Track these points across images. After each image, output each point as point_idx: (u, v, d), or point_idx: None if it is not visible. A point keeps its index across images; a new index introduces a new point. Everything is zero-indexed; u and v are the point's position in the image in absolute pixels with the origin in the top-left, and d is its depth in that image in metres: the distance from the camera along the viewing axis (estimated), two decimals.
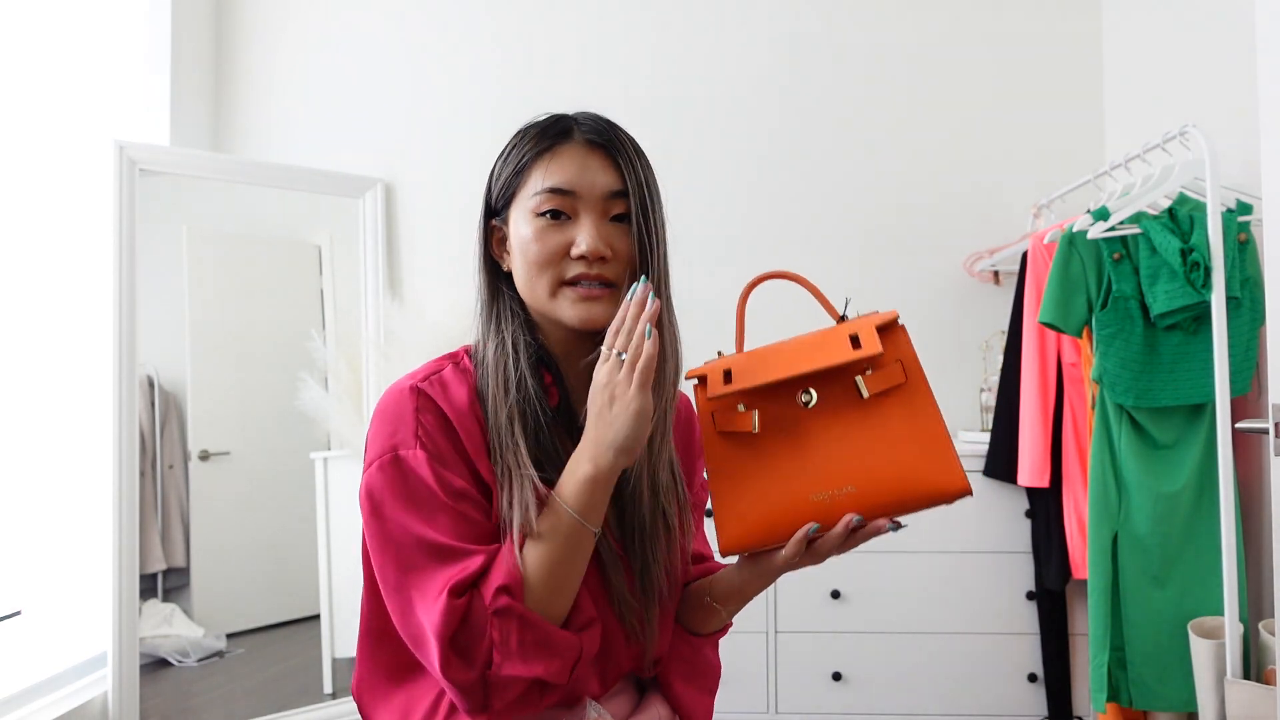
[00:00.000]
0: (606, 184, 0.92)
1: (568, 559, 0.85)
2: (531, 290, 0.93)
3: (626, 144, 0.95)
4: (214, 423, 2.51)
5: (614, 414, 0.82)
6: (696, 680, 1.02)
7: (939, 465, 0.80)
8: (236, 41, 2.84)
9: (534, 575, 0.84)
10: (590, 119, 0.95)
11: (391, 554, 0.85)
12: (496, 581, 0.82)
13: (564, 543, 0.84)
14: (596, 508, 0.84)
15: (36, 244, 2.26)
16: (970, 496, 0.78)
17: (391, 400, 0.91)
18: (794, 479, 0.81)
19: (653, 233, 0.93)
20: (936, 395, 0.87)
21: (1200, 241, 1.83)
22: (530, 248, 0.91)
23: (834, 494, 0.80)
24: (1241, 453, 1.98)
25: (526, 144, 0.94)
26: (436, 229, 2.78)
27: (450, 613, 0.81)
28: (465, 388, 0.93)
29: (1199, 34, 2.21)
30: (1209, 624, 1.86)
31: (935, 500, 0.80)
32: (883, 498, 0.80)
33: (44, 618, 2.18)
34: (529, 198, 0.92)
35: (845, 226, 2.75)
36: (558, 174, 0.91)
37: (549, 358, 0.96)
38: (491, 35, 2.83)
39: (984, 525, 2.28)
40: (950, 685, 2.27)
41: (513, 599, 0.82)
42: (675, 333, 0.96)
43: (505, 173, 0.96)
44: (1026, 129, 2.73)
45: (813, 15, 2.79)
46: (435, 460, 0.87)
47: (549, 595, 0.84)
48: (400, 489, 0.86)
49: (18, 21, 2.26)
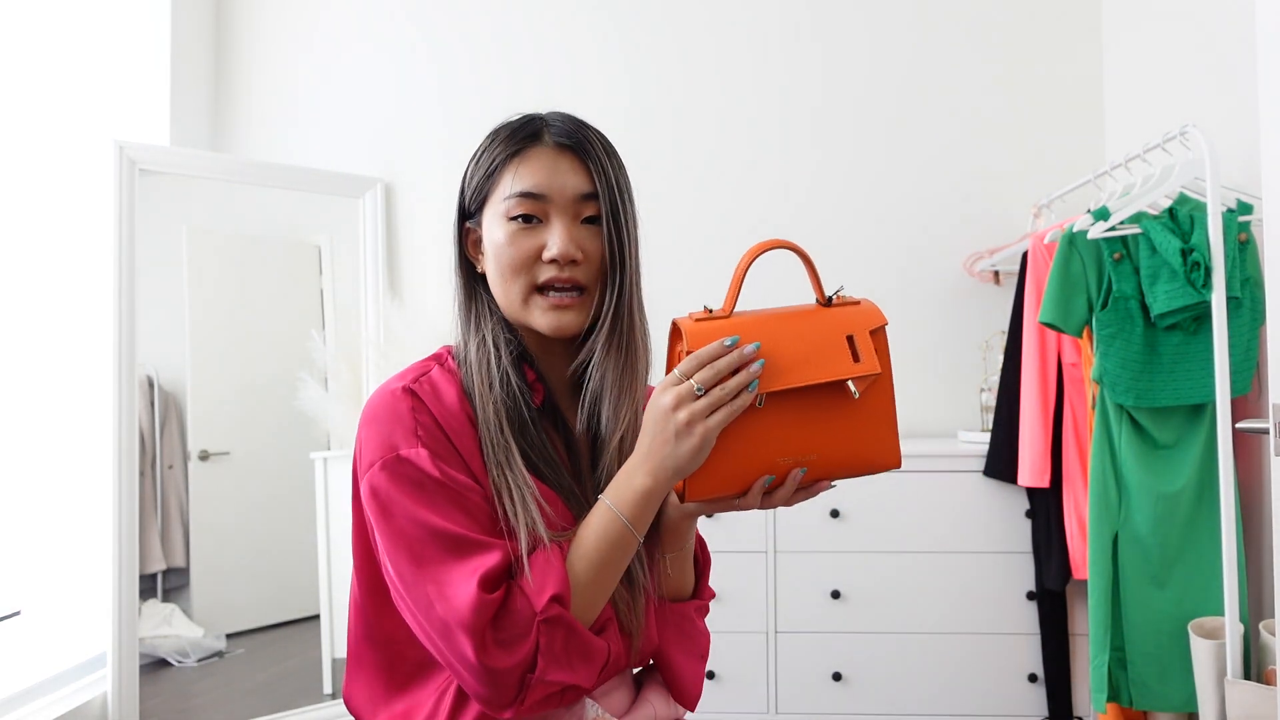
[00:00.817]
0: (576, 186, 0.93)
1: (615, 565, 0.87)
2: (505, 295, 0.94)
3: (596, 144, 0.95)
4: (214, 423, 2.50)
5: (688, 441, 0.82)
6: (688, 646, 1.02)
7: (887, 443, 0.90)
8: (236, 41, 2.84)
9: (583, 581, 0.86)
10: (560, 119, 0.96)
11: (404, 549, 0.84)
12: (551, 590, 0.83)
13: (615, 550, 0.86)
14: (647, 519, 0.87)
15: (37, 244, 2.26)
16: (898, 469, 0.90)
17: (384, 402, 0.90)
18: (767, 444, 0.87)
19: (624, 233, 0.94)
20: (936, 395, 0.92)
21: (1200, 241, 1.83)
22: (503, 252, 0.92)
23: (798, 459, 0.87)
24: (1242, 453, 1.98)
25: (497, 146, 0.95)
26: (436, 229, 2.78)
27: (484, 606, 0.81)
28: (454, 387, 0.93)
29: (1199, 34, 2.21)
30: (1209, 624, 1.86)
31: (874, 470, 0.91)
32: (836, 466, 0.89)
33: (44, 618, 2.18)
34: (500, 201, 0.93)
35: (845, 226, 2.75)
36: (528, 178, 0.92)
37: (529, 355, 0.97)
38: (491, 35, 2.83)
39: (984, 525, 2.28)
40: (950, 685, 2.27)
41: (564, 608, 0.84)
42: (645, 330, 0.99)
43: (477, 176, 0.96)
44: (1026, 129, 2.73)
45: (812, 16, 2.79)
46: (436, 455, 0.87)
47: (593, 601, 0.87)
48: (407, 485, 0.86)
49: (18, 21, 2.26)
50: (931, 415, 2.68)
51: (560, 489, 0.93)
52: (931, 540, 2.27)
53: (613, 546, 0.86)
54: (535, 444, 0.92)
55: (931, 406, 2.68)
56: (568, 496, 0.93)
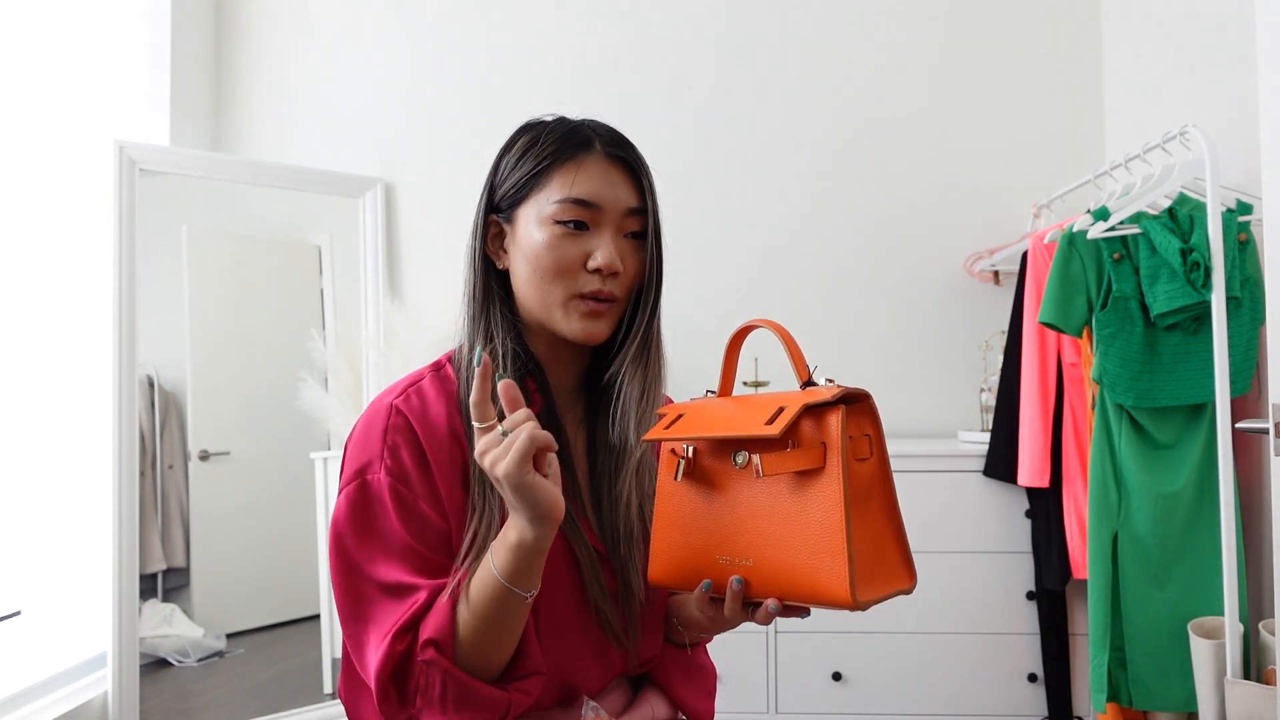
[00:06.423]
0: (627, 200, 0.93)
1: (497, 621, 0.82)
2: (540, 296, 0.92)
3: (644, 162, 0.96)
4: (214, 423, 2.50)
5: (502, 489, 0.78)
6: (695, 682, 1.02)
7: (825, 568, 0.72)
8: (236, 41, 2.84)
9: (464, 634, 0.83)
10: (606, 131, 0.96)
11: (349, 589, 0.86)
12: (426, 634, 0.82)
13: (494, 606, 0.81)
14: (526, 573, 0.81)
15: (37, 244, 2.26)
16: (860, 611, 0.72)
17: (369, 417, 0.91)
18: (708, 535, 0.80)
19: (661, 253, 0.96)
20: (936, 395, 0.87)
21: (1200, 241, 1.83)
22: (544, 255, 0.90)
23: (735, 561, 0.78)
24: (1241, 453, 1.98)
25: (547, 146, 0.93)
26: (436, 229, 2.78)
27: (389, 658, 0.82)
28: (444, 398, 0.92)
29: (1199, 34, 2.21)
30: (1209, 624, 1.86)
31: (817, 602, 0.74)
32: (774, 580, 0.76)
33: (44, 618, 2.18)
34: (548, 203, 0.91)
35: (845, 227, 2.75)
36: (584, 185, 0.91)
37: (536, 366, 0.95)
38: (492, 34, 2.83)
39: (984, 525, 2.28)
40: (950, 685, 2.27)
41: (439, 653, 0.82)
42: (662, 356, 0.98)
43: (519, 172, 0.94)
44: (1026, 129, 2.73)
45: (811, 16, 2.79)
46: (399, 483, 0.87)
47: (479, 654, 0.83)
48: (362, 523, 0.87)
49: (18, 21, 2.26)
50: (931, 415, 2.68)
51: None
52: (931, 540, 2.27)
53: (494, 603, 0.81)
54: None
55: (931, 406, 2.68)
56: None
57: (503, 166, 0.96)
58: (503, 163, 0.97)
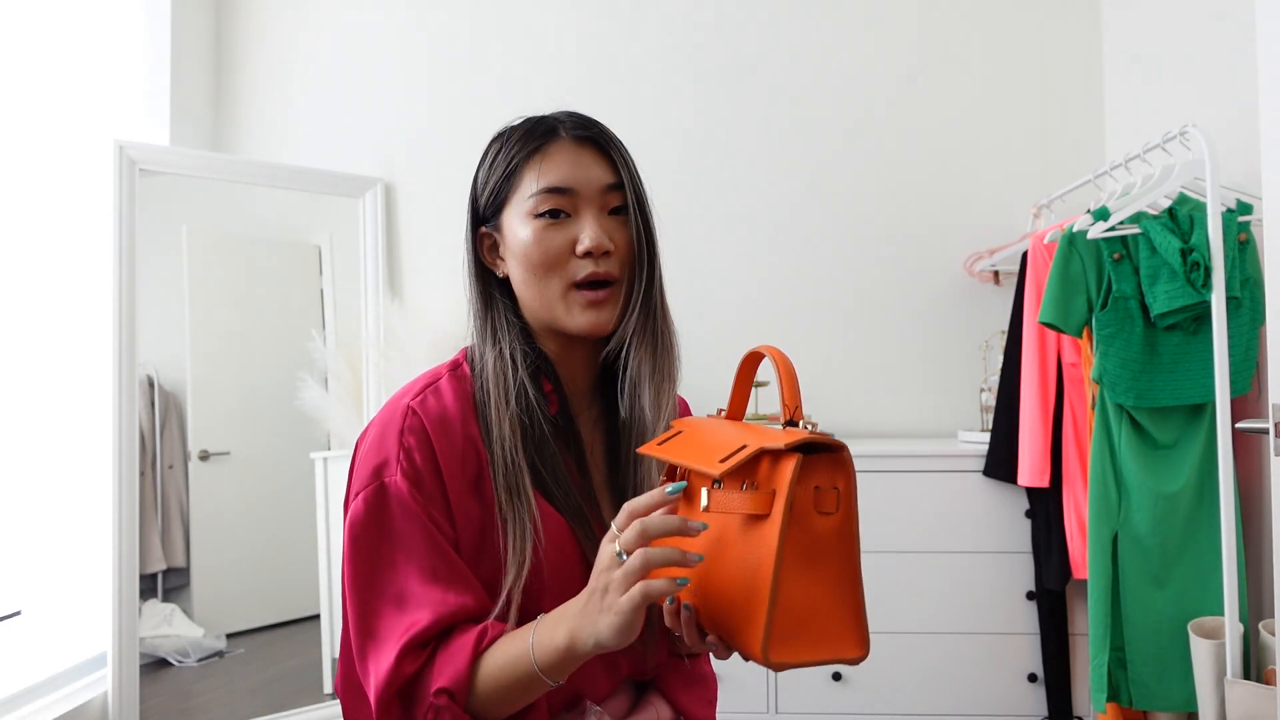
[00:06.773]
0: (601, 177, 0.92)
1: (518, 694, 0.82)
2: (539, 295, 0.92)
3: (613, 137, 0.95)
4: (214, 423, 2.50)
5: (607, 617, 0.73)
6: (696, 691, 1.02)
7: (746, 617, 0.69)
8: (236, 41, 2.84)
9: (480, 690, 0.82)
10: (571, 116, 0.95)
11: (359, 595, 0.86)
12: (441, 681, 0.81)
13: (519, 685, 0.81)
14: (564, 670, 0.80)
15: (36, 244, 2.26)
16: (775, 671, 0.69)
17: (386, 416, 0.91)
18: None
19: (649, 220, 0.94)
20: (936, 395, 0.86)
21: (1200, 241, 1.83)
22: (532, 250, 0.90)
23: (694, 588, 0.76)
24: (1241, 453, 1.98)
25: (513, 147, 0.93)
26: (436, 229, 2.78)
27: (396, 677, 0.81)
28: (461, 399, 0.92)
29: (1199, 34, 2.21)
30: (1209, 624, 1.86)
31: (736, 648, 0.72)
32: (713, 615, 0.74)
33: (44, 618, 2.18)
34: (524, 200, 0.91)
35: (846, 227, 2.75)
36: (552, 173, 0.90)
37: (548, 365, 0.95)
38: (492, 34, 2.83)
39: (984, 525, 2.28)
40: (950, 685, 2.27)
41: (453, 702, 0.81)
42: (671, 327, 0.96)
43: (493, 178, 0.94)
44: (1026, 129, 2.73)
45: (811, 16, 2.79)
46: (415, 487, 0.86)
47: (491, 708, 0.83)
48: (377, 531, 0.86)
49: (18, 21, 2.26)
50: (931, 415, 2.68)
51: (568, 511, 0.91)
52: (931, 540, 2.27)
53: (518, 680, 0.80)
54: (549, 462, 0.91)
55: (931, 406, 2.68)
56: (574, 519, 0.91)
57: (479, 178, 0.97)
58: (479, 174, 0.97)
